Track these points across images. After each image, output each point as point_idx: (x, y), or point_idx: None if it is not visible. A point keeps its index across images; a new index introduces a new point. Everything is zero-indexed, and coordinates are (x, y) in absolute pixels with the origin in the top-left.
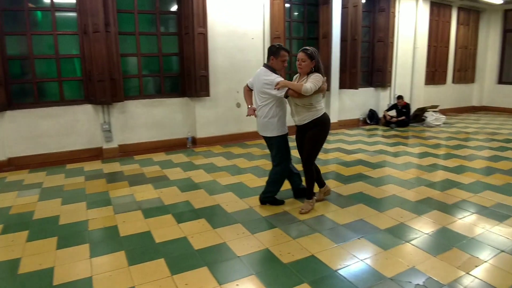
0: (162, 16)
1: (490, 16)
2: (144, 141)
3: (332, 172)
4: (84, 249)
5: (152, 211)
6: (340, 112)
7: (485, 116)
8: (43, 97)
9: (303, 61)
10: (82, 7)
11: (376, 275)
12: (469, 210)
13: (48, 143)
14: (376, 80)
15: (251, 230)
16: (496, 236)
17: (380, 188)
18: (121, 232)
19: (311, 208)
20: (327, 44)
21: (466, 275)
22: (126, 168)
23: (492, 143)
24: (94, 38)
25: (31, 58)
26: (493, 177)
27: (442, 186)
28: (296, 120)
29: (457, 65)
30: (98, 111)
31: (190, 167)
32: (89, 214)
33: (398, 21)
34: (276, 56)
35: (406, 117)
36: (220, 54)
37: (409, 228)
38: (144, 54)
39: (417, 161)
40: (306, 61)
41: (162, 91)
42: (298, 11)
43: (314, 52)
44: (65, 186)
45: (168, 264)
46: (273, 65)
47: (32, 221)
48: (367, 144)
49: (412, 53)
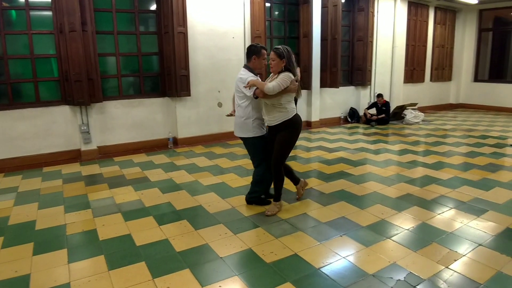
0: (141, 15)
1: (466, 15)
2: (124, 142)
3: (314, 171)
4: (62, 255)
5: (132, 213)
6: (321, 111)
7: (462, 113)
8: (18, 98)
9: (273, 60)
10: (58, 5)
11: (358, 272)
12: (448, 205)
13: (24, 146)
14: (356, 79)
15: (234, 230)
16: (474, 230)
17: (361, 186)
18: (101, 236)
19: (278, 210)
20: (307, 43)
21: (445, 269)
22: (105, 170)
23: (469, 139)
24: (71, 37)
25: (5, 58)
26: (470, 173)
27: (422, 182)
28: (266, 119)
29: (434, 64)
30: (76, 112)
31: (171, 167)
32: (67, 218)
33: (377, 20)
34: (258, 55)
35: (386, 115)
36: (200, 53)
37: (390, 225)
38: (123, 53)
39: (397, 158)
40: (275, 60)
41: (142, 91)
42: (279, 10)
43: (284, 51)
44: (42, 189)
45: (150, 267)
46: (255, 64)
47: (7, 226)
48: (348, 142)
49: (391, 52)
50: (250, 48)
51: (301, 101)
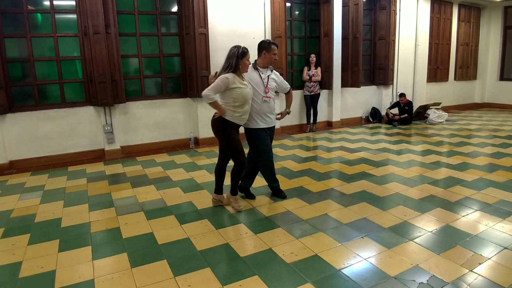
0: (162, 16)
1: (490, 12)
2: (146, 142)
3: (335, 171)
4: (86, 252)
5: (154, 212)
6: (343, 111)
7: (487, 113)
8: (44, 100)
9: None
10: (82, 8)
11: (379, 274)
12: (472, 207)
13: (50, 146)
14: (378, 78)
15: (254, 230)
16: (499, 233)
17: (383, 186)
18: (124, 234)
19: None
20: (328, 42)
21: (469, 272)
22: (128, 169)
23: (495, 139)
24: (95, 39)
25: (31, 60)
26: (496, 174)
27: (445, 183)
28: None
29: (458, 62)
30: (100, 113)
31: (192, 167)
32: (91, 216)
33: (399, 18)
34: (268, 50)
35: (409, 115)
36: (221, 54)
37: (413, 226)
38: (145, 55)
39: (420, 158)
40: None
41: (164, 91)
42: (299, 10)
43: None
44: (67, 188)
45: (171, 265)
46: (265, 59)
47: (34, 224)
48: (370, 143)
49: (413, 50)
50: (260, 44)
51: (322, 100)
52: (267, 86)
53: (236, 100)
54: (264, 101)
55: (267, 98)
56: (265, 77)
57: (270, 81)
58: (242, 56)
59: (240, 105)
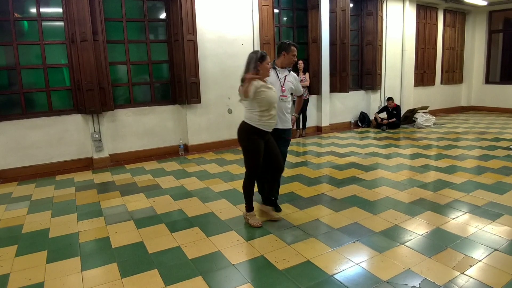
0: (151, 23)
1: (475, 17)
2: (135, 149)
3: (325, 176)
4: (75, 262)
5: (144, 221)
6: (332, 116)
7: (474, 116)
8: (31, 108)
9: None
10: (69, 16)
11: (372, 279)
12: (462, 210)
13: (37, 155)
14: (366, 83)
15: (246, 237)
16: (489, 235)
17: (374, 191)
18: (113, 244)
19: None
20: (316, 48)
21: (461, 275)
22: (117, 177)
23: (482, 142)
24: (82, 47)
25: (17, 68)
26: (484, 176)
27: (435, 186)
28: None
29: (445, 67)
30: (88, 121)
31: (182, 174)
32: (80, 226)
33: (386, 24)
34: (288, 51)
35: (397, 119)
36: (210, 60)
37: (404, 230)
38: (133, 62)
39: (409, 162)
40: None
41: (153, 99)
42: (287, 16)
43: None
44: (55, 198)
45: (162, 275)
46: (284, 60)
47: (21, 234)
48: (359, 147)
49: (400, 55)
50: (280, 45)
51: (311, 106)
52: (283, 86)
53: (262, 105)
54: (281, 100)
55: (284, 97)
56: (282, 76)
57: (287, 81)
58: (261, 60)
59: (266, 110)
